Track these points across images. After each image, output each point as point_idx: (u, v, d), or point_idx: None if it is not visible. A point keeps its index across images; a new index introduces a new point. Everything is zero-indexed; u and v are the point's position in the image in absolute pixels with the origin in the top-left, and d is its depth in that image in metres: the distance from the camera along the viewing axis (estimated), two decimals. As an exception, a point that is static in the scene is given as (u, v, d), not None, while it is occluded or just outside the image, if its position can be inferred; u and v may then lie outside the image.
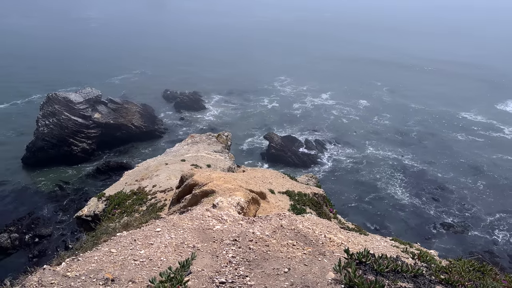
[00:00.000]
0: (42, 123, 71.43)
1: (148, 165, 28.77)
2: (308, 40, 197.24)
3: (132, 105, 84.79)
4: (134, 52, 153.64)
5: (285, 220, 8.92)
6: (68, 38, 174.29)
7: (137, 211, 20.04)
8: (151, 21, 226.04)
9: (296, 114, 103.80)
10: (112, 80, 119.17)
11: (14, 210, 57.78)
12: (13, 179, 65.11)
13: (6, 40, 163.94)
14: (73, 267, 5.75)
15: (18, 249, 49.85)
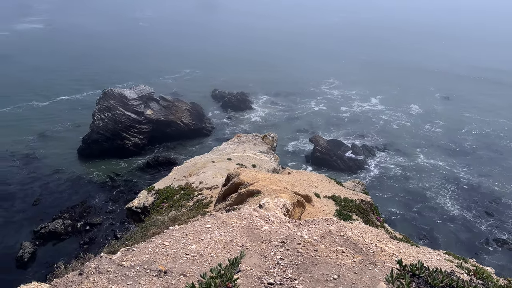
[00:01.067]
0: (98, 117, 75.24)
1: (195, 162, 29.46)
2: (356, 44, 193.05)
3: (182, 103, 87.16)
4: (186, 52, 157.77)
5: (333, 226, 8.77)
6: (126, 37, 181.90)
7: (184, 206, 20.56)
8: (203, 22, 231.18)
9: (343, 118, 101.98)
10: (165, 79, 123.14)
11: (69, 198, 61.22)
12: (68, 169, 69.03)
13: (66, 39, 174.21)
14: (128, 257, 5.98)
15: (71, 235, 52.54)
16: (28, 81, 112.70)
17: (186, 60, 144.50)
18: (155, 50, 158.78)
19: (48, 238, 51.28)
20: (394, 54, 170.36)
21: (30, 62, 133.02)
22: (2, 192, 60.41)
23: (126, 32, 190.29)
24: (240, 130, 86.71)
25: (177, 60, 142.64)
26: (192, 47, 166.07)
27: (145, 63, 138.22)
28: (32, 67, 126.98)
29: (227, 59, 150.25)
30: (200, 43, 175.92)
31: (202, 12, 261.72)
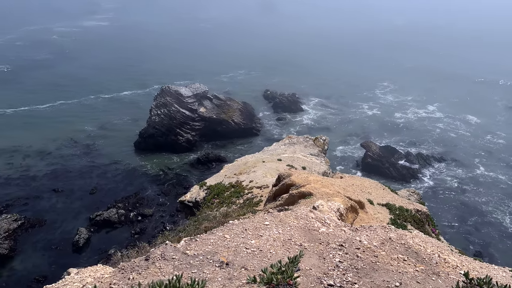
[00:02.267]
0: (155, 112, 78.35)
1: (246, 160, 29.82)
2: (414, 50, 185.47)
3: (234, 102, 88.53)
4: (243, 53, 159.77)
5: (393, 234, 8.51)
6: (188, 37, 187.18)
7: (235, 204, 20.89)
8: (262, 24, 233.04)
9: (397, 124, 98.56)
10: (221, 78, 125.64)
11: (123, 188, 64.24)
12: (125, 161, 72.43)
13: (130, 36, 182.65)
14: (192, 246, 6.19)
15: (123, 225, 55.00)
16: (95, 75, 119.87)
17: (242, 60, 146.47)
18: (214, 50, 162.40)
19: (102, 226, 54.05)
20: (450, 62, 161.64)
21: (96, 57, 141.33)
22: (64, 179, 64.63)
23: (188, 32, 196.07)
24: (290, 131, 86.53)
25: (233, 60, 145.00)
26: (249, 48, 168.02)
27: (203, 62, 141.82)
28: (98, 62, 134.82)
29: (281, 60, 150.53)
30: (258, 44, 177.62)
31: (261, 14, 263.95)
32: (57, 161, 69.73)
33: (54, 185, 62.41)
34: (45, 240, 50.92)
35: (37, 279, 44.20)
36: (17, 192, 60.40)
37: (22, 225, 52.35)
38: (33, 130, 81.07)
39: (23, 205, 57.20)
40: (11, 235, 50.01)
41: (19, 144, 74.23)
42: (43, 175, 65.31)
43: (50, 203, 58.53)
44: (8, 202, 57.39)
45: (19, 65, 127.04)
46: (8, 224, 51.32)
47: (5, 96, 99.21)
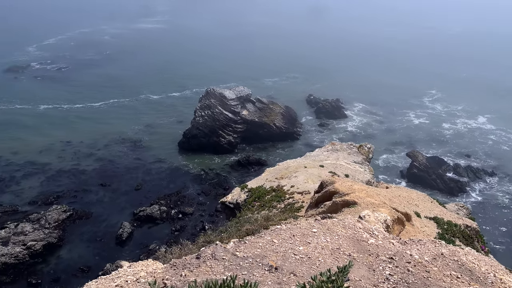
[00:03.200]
0: (199, 113, 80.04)
1: (288, 165, 29.76)
2: (470, 60, 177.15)
3: (277, 106, 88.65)
4: (290, 57, 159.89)
5: (445, 249, 8.19)
6: (237, 40, 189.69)
7: (275, 208, 20.90)
8: (311, 28, 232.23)
9: (445, 134, 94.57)
10: (265, 81, 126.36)
11: (166, 186, 66.02)
12: (169, 159, 74.47)
13: (181, 39, 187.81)
14: (241, 248, 6.28)
15: (164, 221, 56.41)
16: (145, 76, 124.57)
17: (287, 65, 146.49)
18: (261, 54, 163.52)
19: (145, 221, 55.74)
20: (508, 74, 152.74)
21: (146, 58, 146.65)
22: (112, 174, 67.42)
23: (235, 36, 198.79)
24: (332, 138, 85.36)
25: (279, 65, 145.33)
26: (295, 53, 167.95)
27: (249, 65, 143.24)
28: (148, 63, 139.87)
29: (326, 65, 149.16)
30: (303, 49, 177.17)
31: (311, 18, 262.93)
32: (105, 157, 72.91)
33: (101, 180, 65.26)
34: (91, 232, 53.23)
35: (82, 269, 46.24)
36: (68, 184, 63.70)
37: (71, 216, 55.06)
38: (85, 126, 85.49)
39: (72, 197, 60.20)
40: (60, 225, 52.76)
41: (72, 139, 78.41)
42: (92, 169, 68.50)
43: (97, 196, 61.24)
44: (59, 194, 60.64)
45: (75, 63, 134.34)
46: (58, 214, 54.19)
47: (62, 93, 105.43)
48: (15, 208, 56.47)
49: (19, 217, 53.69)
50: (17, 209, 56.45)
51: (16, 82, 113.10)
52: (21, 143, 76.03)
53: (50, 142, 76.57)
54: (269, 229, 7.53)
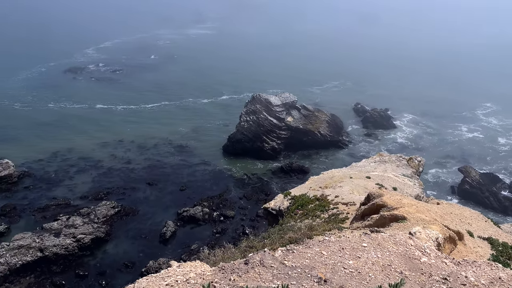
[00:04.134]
0: (244, 118, 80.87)
1: (332, 174, 29.30)
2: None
3: (322, 113, 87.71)
4: (338, 64, 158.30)
5: (502, 273, 7.69)
6: (286, 47, 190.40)
7: (319, 217, 20.61)
8: (362, 36, 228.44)
9: (501, 150, 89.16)
10: (313, 89, 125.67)
11: (210, 188, 67.13)
12: (213, 162, 75.76)
13: (232, 44, 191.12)
14: (289, 257, 6.25)
15: (206, 223, 57.25)
16: (194, 80, 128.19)
17: (336, 72, 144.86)
18: (309, 60, 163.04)
19: (188, 221, 56.90)
20: None
21: (197, 63, 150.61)
22: (159, 174, 69.63)
23: (286, 42, 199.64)
24: (380, 149, 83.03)
25: (327, 71, 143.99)
26: (345, 60, 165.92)
27: (297, 72, 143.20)
28: (198, 67, 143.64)
29: (376, 74, 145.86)
30: (354, 56, 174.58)
31: (361, 27, 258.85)
32: (153, 157, 75.47)
33: (149, 179, 67.57)
34: (136, 228, 55.10)
35: (126, 264, 47.88)
36: (117, 182, 66.51)
37: (118, 212, 57.37)
38: (137, 126, 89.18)
39: (121, 194, 62.73)
40: (108, 221, 55.10)
41: (123, 138, 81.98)
42: (141, 168, 71.12)
43: (144, 195, 63.42)
44: (109, 190, 63.42)
45: (129, 66, 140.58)
46: (107, 210, 56.65)
47: (116, 94, 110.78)
48: (67, 202, 59.74)
49: (70, 211, 56.71)
50: (69, 202, 59.69)
51: (75, 82, 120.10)
52: (76, 140, 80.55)
53: (104, 141, 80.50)
54: (318, 240, 7.42)
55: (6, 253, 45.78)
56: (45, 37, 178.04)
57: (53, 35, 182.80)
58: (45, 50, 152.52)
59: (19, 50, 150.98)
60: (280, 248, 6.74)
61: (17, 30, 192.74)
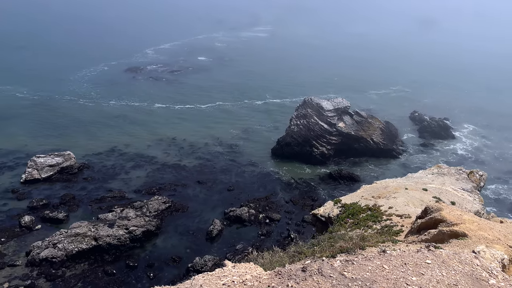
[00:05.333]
0: (294, 122, 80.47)
1: (386, 184, 28.27)
2: None
3: (376, 120, 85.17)
4: (396, 70, 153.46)
5: None
6: (338, 50, 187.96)
7: (371, 228, 19.94)
8: (421, 40, 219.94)
9: None
10: (370, 94, 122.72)
11: (257, 190, 67.44)
12: (261, 164, 76.09)
13: (283, 47, 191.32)
14: (349, 268, 6.04)
15: (252, 224, 57.48)
16: (249, 81, 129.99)
17: (394, 77, 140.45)
18: (366, 65, 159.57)
19: (234, 221, 57.48)
20: None
21: (250, 65, 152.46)
22: (208, 173, 71.09)
23: (341, 46, 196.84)
24: (437, 160, 79.16)
25: (385, 77, 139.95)
26: (404, 65, 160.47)
27: (353, 76, 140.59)
28: (252, 70, 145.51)
29: (435, 81, 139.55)
30: (413, 62, 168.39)
31: (419, 31, 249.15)
32: (204, 156, 77.22)
33: (199, 177, 69.19)
34: (185, 225, 56.53)
35: (173, 259, 49.20)
36: (169, 178, 68.72)
37: (169, 208, 59.19)
38: (190, 125, 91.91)
39: (172, 190, 64.73)
40: (159, 215, 57.02)
41: (177, 136, 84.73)
42: (192, 166, 73.04)
43: (194, 192, 65.01)
44: (161, 186, 65.66)
45: (186, 67, 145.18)
46: (158, 205, 58.65)
47: (173, 94, 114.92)
48: (122, 195, 62.61)
49: (124, 203, 59.39)
50: (124, 195, 62.53)
51: (134, 81, 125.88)
52: (134, 136, 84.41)
53: (158, 138, 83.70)
54: (377, 253, 7.12)
55: (64, 239, 48.74)
56: (108, 37, 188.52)
57: (116, 36, 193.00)
58: (108, 50, 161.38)
59: (84, 49, 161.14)
60: (338, 258, 6.54)
61: (82, 30, 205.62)
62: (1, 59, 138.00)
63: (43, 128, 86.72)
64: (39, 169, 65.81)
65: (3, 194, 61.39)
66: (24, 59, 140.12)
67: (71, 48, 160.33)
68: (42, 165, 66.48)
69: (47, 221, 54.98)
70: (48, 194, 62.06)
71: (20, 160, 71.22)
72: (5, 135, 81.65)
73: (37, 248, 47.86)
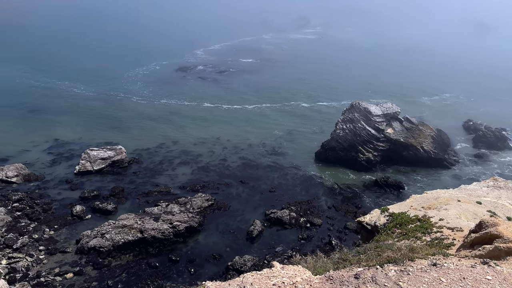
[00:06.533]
0: (340, 126, 79.08)
1: (437, 195, 27.06)
2: None
3: (427, 128, 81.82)
4: (454, 75, 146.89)
5: None
6: (393, 53, 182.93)
7: (420, 239, 19.16)
8: (478, 45, 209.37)
9: None
10: (422, 100, 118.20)
11: (299, 193, 66.93)
12: (304, 167, 75.46)
13: (331, 50, 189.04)
14: (404, 279, 5.82)
15: (292, 227, 57.04)
16: (296, 84, 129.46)
17: (451, 83, 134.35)
18: (420, 68, 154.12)
19: (274, 223, 57.36)
20: None
21: (298, 67, 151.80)
22: (251, 174, 71.55)
23: (394, 49, 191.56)
24: (493, 172, 74.79)
25: (442, 82, 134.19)
26: (461, 70, 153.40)
27: (405, 80, 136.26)
28: (299, 71, 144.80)
29: (494, 87, 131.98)
30: (471, 66, 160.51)
31: (477, 35, 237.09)
32: (247, 157, 77.81)
33: (242, 177, 69.80)
34: (226, 223, 57.22)
35: (214, 256, 49.91)
36: (213, 176, 69.92)
37: (212, 205, 60.19)
38: (235, 125, 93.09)
39: (215, 189, 65.78)
40: (202, 212, 58.15)
41: (222, 136, 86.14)
42: (235, 166, 73.85)
43: (236, 191, 65.68)
44: (205, 184, 66.93)
45: (235, 68, 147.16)
46: (201, 202, 59.82)
47: (222, 94, 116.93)
48: (168, 190, 64.50)
49: (170, 198, 61.12)
50: (169, 191, 64.38)
51: (184, 81, 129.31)
52: (181, 134, 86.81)
53: (204, 137, 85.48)
54: (431, 264, 6.80)
55: (111, 230, 50.91)
56: (160, 37, 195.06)
57: (168, 36, 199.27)
58: (160, 50, 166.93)
59: (137, 49, 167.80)
60: (392, 268, 6.31)
61: (134, 29, 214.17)
62: (62, 58, 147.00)
63: (97, 122, 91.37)
64: (92, 161, 69.27)
65: (59, 183, 65.27)
66: (83, 59, 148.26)
67: (125, 49, 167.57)
68: (95, 157, 69.92)
69: (96, 212, 57.75)
70: (99, 186, 65.19)
71: (75, 152, 75.44)
72: (63, 127, 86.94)
73: (86, 237, 50.35)
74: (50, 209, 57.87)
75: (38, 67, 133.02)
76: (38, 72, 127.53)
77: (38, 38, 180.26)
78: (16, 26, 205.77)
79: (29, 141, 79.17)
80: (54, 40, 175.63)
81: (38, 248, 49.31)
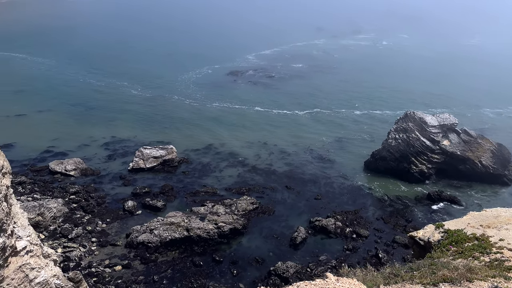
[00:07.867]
0: (393, 136, 76.45)
1: (498, 213, 25.26)
2: None
3: (487, 141, 77.02)
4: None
5: None
6: (456, 61, 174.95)
7: (477, 259, 17.96)
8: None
9: None
10: (485, 111, 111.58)
11: (346, 202, 65.45)
12: (352, 176, 73.71)
13: (386, 56, 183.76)
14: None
15: (337, 237, 55.80)
16: (349, 90, 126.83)
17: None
18: (479, 79, 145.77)
19: (319, 231, 56.45)
20: None
21: (351, 73, 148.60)
22: (297, 180, 71.00)
23: (456, 57, 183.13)
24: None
25: (506, 94, 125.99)
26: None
27: (464, 91, 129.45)
28: (352, 78, 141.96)
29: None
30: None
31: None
32: (294, 162, 77.34)
33: (288, 183, 69.46)
34: (270, 228, 57.13)
35: (256, 259, 49.95)
36: (259, 180, 70.17)
37: (256, 209, 60.40)
38: (283, 130, 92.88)
39: (260, 192, 65.97)
40: (246, 215, 58.51)
41: (268, 141, 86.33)
42: (282, 171, 73.64)
43: (282, 197, 65.43)
44: (250, 187, 67.32)
45: (285, 73, 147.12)
46: (246, 205, 60.21)
47: (272, 98, 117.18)
48: (214, 191, 65.59)
49: (216, 199, 62.13)
50: (216, 192, 65.44)
51: (235, 85, 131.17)
52: (230, 136, 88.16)
53: (252, 141, 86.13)
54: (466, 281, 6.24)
55: (160, 226, 52.56)
56: (214, 42, 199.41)
57: (221, 41, 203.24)
58: (212, 54, 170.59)
59: (190, 52, 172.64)
60: (448, 287, 5.89)
61: (190, 33, 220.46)
62: (122, 62, 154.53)
63: (151, 122, 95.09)
64: (144, 159, 72.06)
65: (113, 179, 68.53)
66: (141, 62, 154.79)
67: (179, 54, 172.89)
68: (148, 156, 72.67)
69: (147, 208, 59.94)
70: (150, 183, 67.66)
71: (129, 149, 78.90)
72: (120, 125, 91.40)
73: (136, 231, 52.34)
74: (104, 203, 60.86)
75: (100, 69, 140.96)
76: (100, 74, 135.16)
77: (101, 43, 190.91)
78: (83, 31, 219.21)
79: (88, 136, 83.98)
80: (115, 46, 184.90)
81: (91, 239, 51.95)
